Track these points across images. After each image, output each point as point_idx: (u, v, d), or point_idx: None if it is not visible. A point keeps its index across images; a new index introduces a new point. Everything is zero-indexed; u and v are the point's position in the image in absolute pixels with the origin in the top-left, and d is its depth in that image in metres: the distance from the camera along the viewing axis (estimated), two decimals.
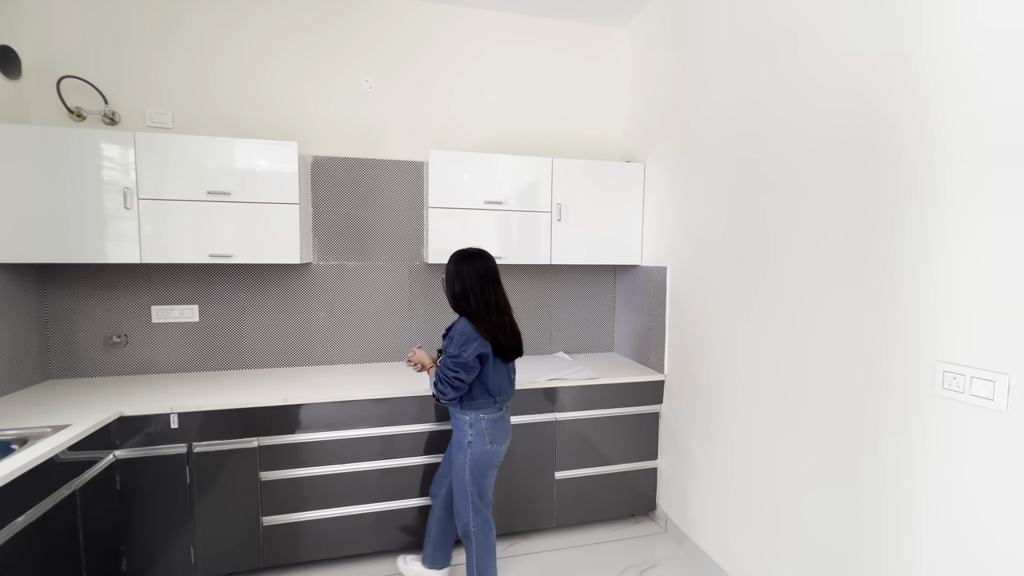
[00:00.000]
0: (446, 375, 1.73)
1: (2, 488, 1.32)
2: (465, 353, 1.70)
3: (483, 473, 1.84)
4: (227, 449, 1.99)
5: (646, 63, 2.69)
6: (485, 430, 1.81)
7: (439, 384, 1.75)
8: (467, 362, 1.71)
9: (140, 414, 1.90)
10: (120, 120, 2.30)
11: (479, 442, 1.81)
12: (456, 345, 1.72)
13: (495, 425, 1.83)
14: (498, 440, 1.84)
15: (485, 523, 1.88)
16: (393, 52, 2.60)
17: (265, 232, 2.20)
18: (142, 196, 2.06)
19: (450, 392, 1.74)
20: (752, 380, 1.90)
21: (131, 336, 2.37)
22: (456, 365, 1.71)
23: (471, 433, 1.81)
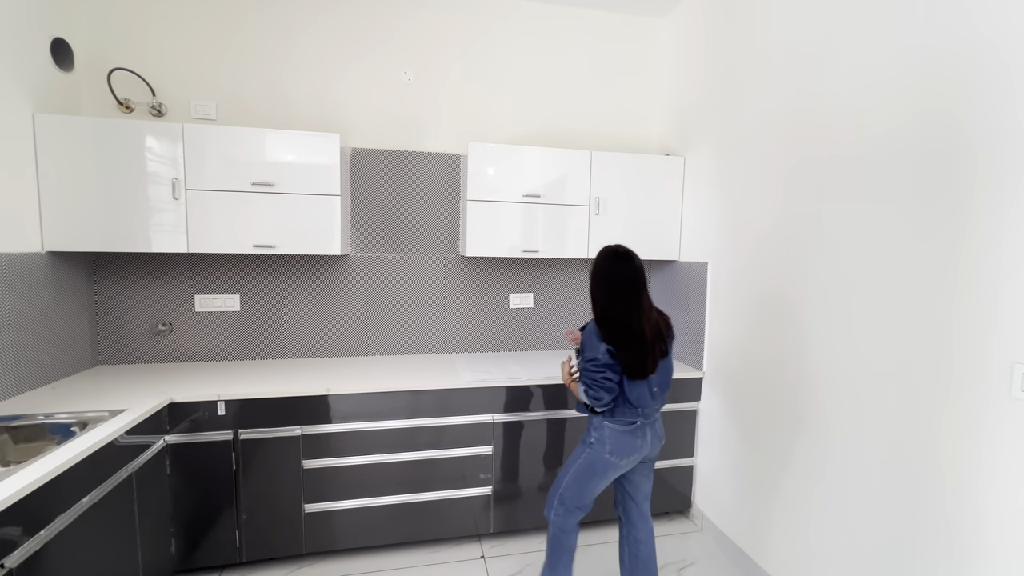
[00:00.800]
0: (594, 378, 1.62)
1: (71, 470, 1.35)
2: (599, 353, 1.60)
3: (591, 476, 1.72)
4: (272, 437, 2.02)
5: (687, 54, 2.64)
6: (607, 438, 1.69)
7: (590, 391, 1.63)
8: (607, 362, 1.60)
9: (189, 400, 1.94)
10: (167, 112, 2.34)
11: (599, 447, 1.70)
12: (589, 348, 1.65)
13: (619, 437, 1.68)
14: (619, 453, 1.68)
15: (567, 519, 1.76)
16: (432, 43, 2.59)
17: (307, 223, 2.22)
18: (190, 187, 2.09)
19: (605, 396, 1.61)
20: (801, 382, 1.85)
21: (176, 324, 2.42)
22: (598, 367, 1.61)
23: (594, 436, 1.72)
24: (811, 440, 1.81)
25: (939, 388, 1.37)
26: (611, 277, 1.65)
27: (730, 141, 2.28)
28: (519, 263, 2.79)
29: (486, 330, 2.79)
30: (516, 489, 2.30)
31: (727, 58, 2.30)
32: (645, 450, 1.72)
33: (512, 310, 2.82)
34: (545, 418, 2.30)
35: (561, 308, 2.87)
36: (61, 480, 1.32)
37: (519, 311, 2.83)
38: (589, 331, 1.67)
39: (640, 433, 1.70)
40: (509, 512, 2.31)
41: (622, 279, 1.65)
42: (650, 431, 1.73)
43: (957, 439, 1.33)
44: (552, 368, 2.44)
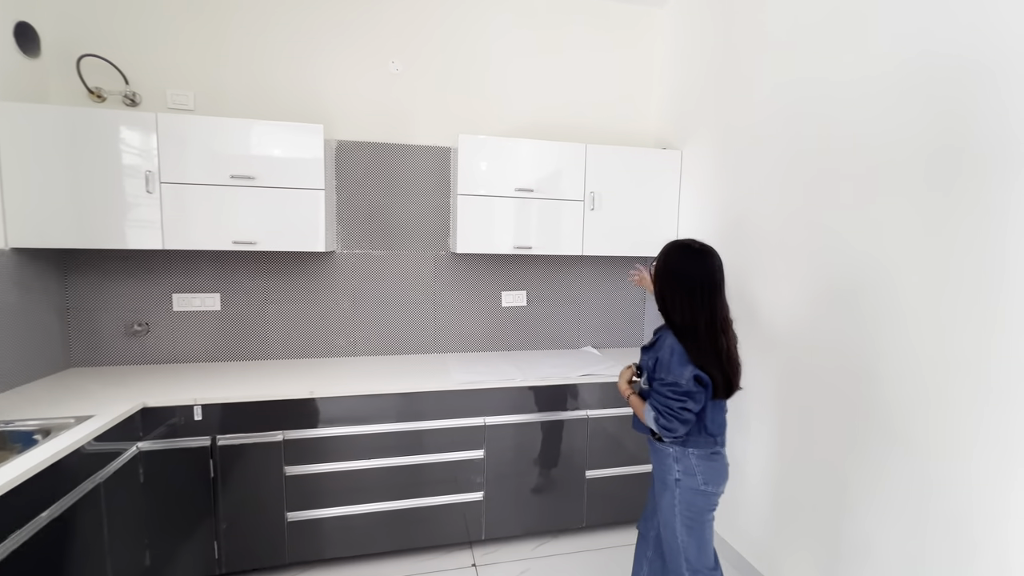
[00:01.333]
0: (670, 407, 1.36)
1: (26, 483, 1.26)
2: (683, 379, 1.34)
3: (698, 521, 1.44)
4: (252, 443, 1.92)
5: (685, 45, 2.56)
6: (695, 467, 1.42)
7: (662, 419, 1.37)
8: (690, 389, 1.35)
9: (164, 405, 1.84)
10: (140, 101, 2.22)
11: (688, 480, 1.42)
12: (668, 370, 1.36)
13: (707, 462, 1.43)
14: (713, 481, 1.43)
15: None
16: (420, 33, 2.50)
17: (290, 218, 2.12)
18: (164, 180, 1.99)
19: (680, 428, 1.36)
20: (801, 381, 1.79)
21: (152, 325, 2.31)
22: (678, 394, 1.35)
23: (677, 469, 1.43)
24: (817, 447, 1.74)
25: (955, 395, 1.31)
26: (693, 278, 1.38)
27: (729, 135, 2.20)
28: (512, 260, 2.70)
29: (478, 329, 2.71)
30: (509, 494, 2.22)
31: (726, 49, 2.22)
32: (727, 477, 1.48)
33: (505, 308, 2.73)
34: (539, 420, 2.22)
35: (555, 306, 2.79)
36: (16, 494, 1.23)
37: (512, 309, 2.75)
38: (669, 347, 1.38)
39: (722, 457, 1.47)
40: (502, 518, 2.23)
41: (706, 280, 1.38)
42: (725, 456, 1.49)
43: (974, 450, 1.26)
44: (546, 368, 2.36)
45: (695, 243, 1.45)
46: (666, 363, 1.37)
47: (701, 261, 1.41)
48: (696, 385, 1.35)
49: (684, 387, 1.34)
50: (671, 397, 1.36)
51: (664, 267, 1.44)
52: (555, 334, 2.82)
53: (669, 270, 1.43)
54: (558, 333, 2.82)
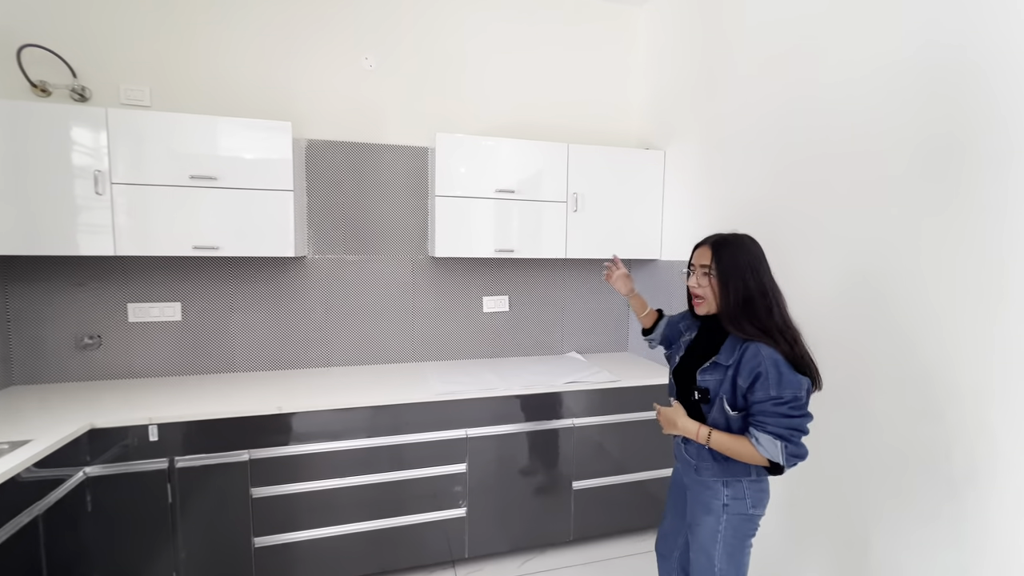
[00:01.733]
0: (798, 428, 1.17)
1: None
2: (802, 391, 1.17)
3: (740, 548, 1.30)
4: (214, 463, 1.78)
5: (666, 44, 2.52)
6: (746, 491, 1.28)
7: (791, 446, 1.16)
8: (807, 400, 1.18)
9: (115, 426, 1.68)
10: (91, 96, 2.06)
11: (737, 505, 1.28)
12: (781, 385, 1.15)
13: (755, 486, 1.29)
14: (760, 504, 1.30)
15: None
16: (395, 27, 2.39)
17: (256, 222, 1.99)
18: (116, 180, 1.84)
19: (804, 450, 1.18)
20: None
21: (105, 337, 2.14)
22: (799, 409, 1.16)
23: (726, 494, 1.28)
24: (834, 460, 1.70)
25: (951, 398, 1.26)
26: (767, 268, 1.24)
27: (712, 134, 2.16)
28: (493, 264, 2.61)
29: (458, 336, 2.61)
30: (493, 509, 2.12)
31: (708, 48, 2.19)
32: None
33: (486, 314, 2.64)
34: (523, 431, 2.13)
35: (538, 310, 2.71)
36: None
37: (493, 315, 2.65)
38: (768, 359, 1.16)
39: (766, 478, 1.31)
40: (486, 534, 2.12)
41: (769, 271, 1.25)
42: None
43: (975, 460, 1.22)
44: (529, 376, 2.27)
45: (739, 234, 1.29)
46: (775, 379, 1.15)
47: (759, 249, 1.26)
48: (807, 395, 1.18)
49: (804, 399, 1.17)
50: (794, 416, 1.15)
51: (737, 263, 1.22)
52: (538, 339, 2.73)
53: (748, 265, 1.22)
54: (541, 338, 2.74)
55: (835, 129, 1.57)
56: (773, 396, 1.14)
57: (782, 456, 1.15)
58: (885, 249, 1.42)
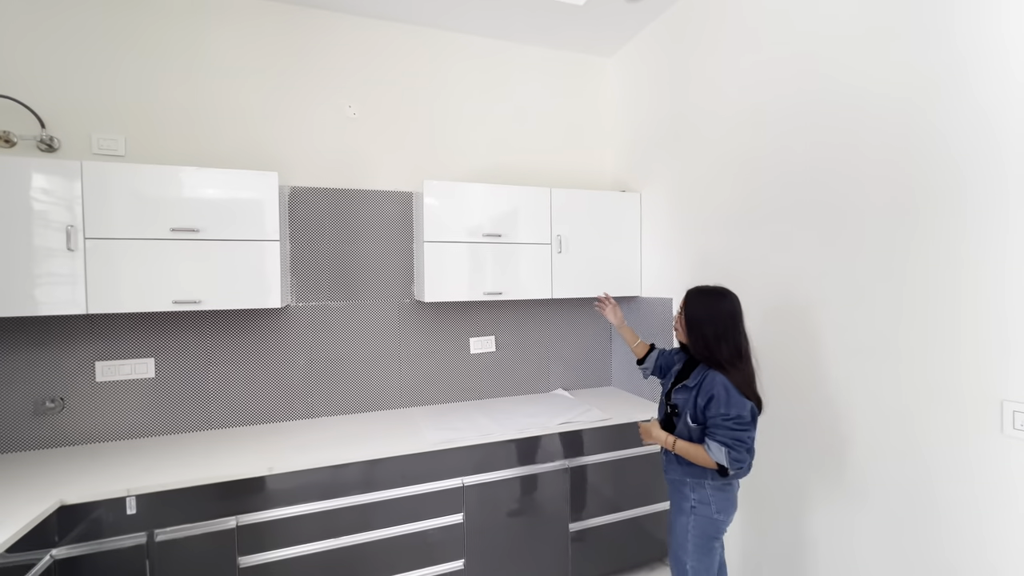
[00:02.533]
0: (740, 439, 1.43)
1: None
2: (745, 411, 1.44)
3: (708, 545, 1.56)
4: (198, 533, 1.67)
5: (636, 93, 2.68)
6: (710, 496, 1.54)
7: (734, 452, 1.43)
8: (751, 420, 1.45)
9: (88, 500, 1.56)
10: (60, 146, 1.98)
11: (703, 509, 1.55)
12: (729, 405, 1.44)
13: (721, 493, 1.54)
14: (725, 510, 1.55)
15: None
16: (377, 77, 2.44)
17: (240, 274, 1.94)
18: (90, 235, 1.75)
19: (748, 458, 1.45)
20: (778, 418, 1.83)
21: (69, 399, 1.99)
22: (743, 425, 1.44)
23: (693, 498, 1.57)
24: (793, 484, 1.77)
25: (928, 428, 1.37)
26: (732, 312, 1.53)
27: (684, 177, 2.30)
28: (479, 305, 2.63)
29: (446, 379, 2.58)
30: (491, 560, 2.07)
31: (675, 98, 2.35)
32: (736, 507, 1.60)
33: (473, 356, 2.63)
34: (519, 475, 2.11)
35: (526, 349, 2.73)
36: None
37: (481, 356, 2.65)
38: (722, 385, 1.46)
39: (733, 489, 1.58)
40: None
41: (735, 318, 1.53)
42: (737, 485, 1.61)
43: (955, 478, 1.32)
44: (522, 418, 2.28)
45: (713, 287, 1.60)
46: (723, 399, 1.45)
47: (726, 301, 1.55)
48: (752, 415, 1.46)
49: (747, 418, 1.44)
50: (738, 429, 1.43)
51: (706, 311, 1.55)
52: (525, 379, 2.75)
53: (711, 311, 1.54)
54: (528, 377, 2.75)
55: (797, 181, 1.72)
56: (722, 413, 1.45)
57: (726, 460, 1.43)
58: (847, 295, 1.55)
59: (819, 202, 1.66)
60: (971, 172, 1.26)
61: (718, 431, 1.45)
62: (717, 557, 1.59)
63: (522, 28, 2.54)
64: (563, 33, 2.60)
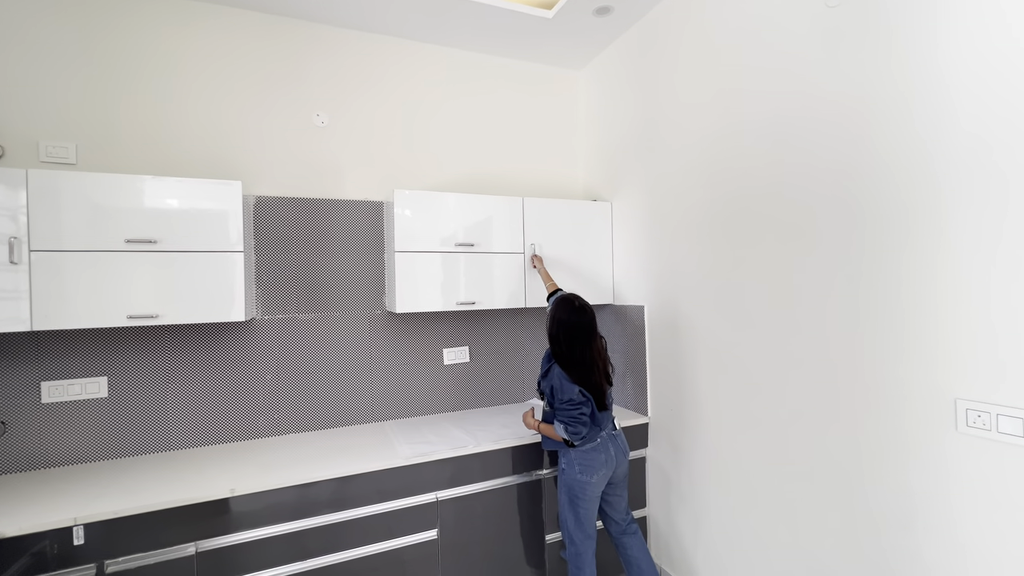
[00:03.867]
0: (572, 416, 1.78)
1: None
2: (573, 395, 1.77)
3: (576, 500, 1.85)
4: (154, 562, 1.57)
5: (605, 105, 2.73)
6: (575, 459, 1.84)
7: (570, 427, 1.78)
8: (582, 400, 1.77)
9: (29, 532, 1.45)
10: (3, 153, 1.87)
11: (570, 470, 1.85)
12: (562, 391, 1.79)
13: (585, 456, 1.83)
14: (588, 471, 1.82)
15: (577, 557, 1.86)
16: (347, 86, 2.41)
17: (201, 286, 1.86)
18: (35, 247, 1.66)
19: (583, 430, 1.78)
20: (749, 420, 1.86)
21: (11, 422, 1.86)
22: (574, 404, 1.77)
23: (564, 462, 1.88)
24: (767, 485, 1.80)
25: (883, 429, 1.41)
26: (571, 326, 1.83)
27: (653, 187, 2.34)
28: (452, 315, 2.60)
29: (419, 391, 2.54)
30: (467, 575, 2.03)
31: (642, 108, 2.40)
32: (612, 464, 1.87)
33: (447, 367, 2.60)
34: (494, 487, 2.08)
35: (499, 359, 2.71)
36: None
37: (454, 367, 2.62)
38: (558, 375, 1.81)
39: (603, 448, 1.85)
40: None
41: (580, 328, 1.83)
42: (612, 445, 1.88)
43: (907, 475, 1.36)
44: (496, 428, 2.25)
45: (576, 300, 1.89)
46: (559, 387, 1.81)
47: (577, 314, 1.85)
48: (582, 397, 1.78)
49: (576, 399, 1.77)
50: (571, 410, 1.78)
51: (552, 314, 1.89)
52: (500, 389, 2.72)
53: (555, 318, 1.87)
54: (503, 387, 2.73)
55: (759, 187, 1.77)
56: (559, 398, 1.81)
57: (566, 433, 1.80)
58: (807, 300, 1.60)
59: (778, 212, 1.71)
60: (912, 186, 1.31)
61: (559, 413, 1.82)
62: (585, 516, 1.85)
63: (494, 40, 2.56)
64: (534, 46, 2.63)
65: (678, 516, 2.25)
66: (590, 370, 1.82)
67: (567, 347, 1.83)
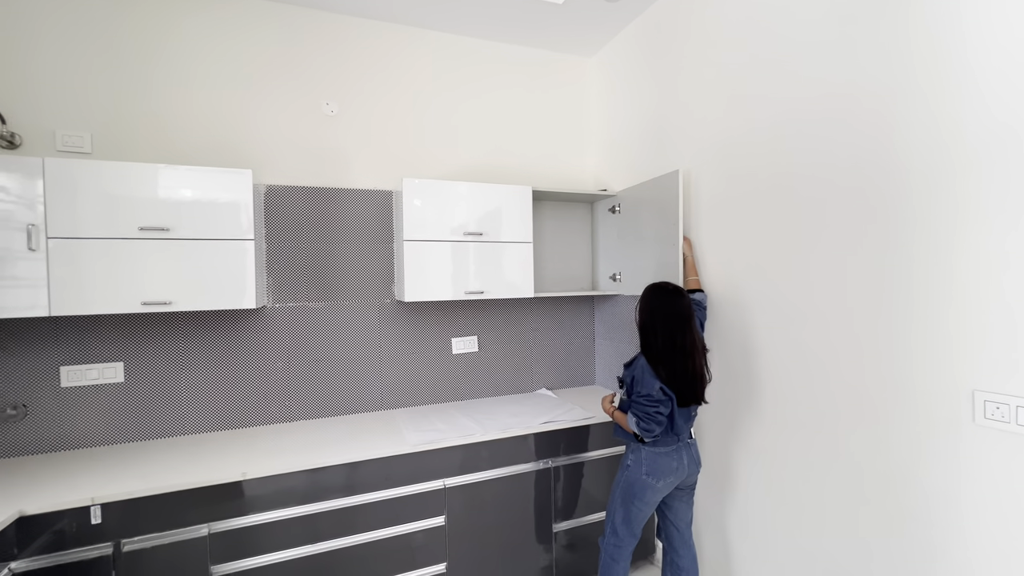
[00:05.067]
0: (647, 412, 1.68)
1: None
2: (653, 391, 1.67)
3: (632, 499, 1.79)
4: (169, 542, 1.61)
5: (616, 92, 2.69)
6: (644, 459, 1.76)
7: (642, 423, 1.69)
8: (660, 399, 1.67)
9: (49, 511, 1.49)
10: (21, 143, 1.91)
11: (636, 469, 1.78)
12: (642, 385, 1.71)
13: (656, 459, 1.75)
14: (655, 474, 1.74)
15: (617, 550, 1.83)
16: (357, 74, 2.41)
17: (213, 273, 1.88)
18: (52, 235, 1.69)
19: (656, 428, 1.69)
20: (762, 407, 1.84)
21: (32, 406, 1.91)
22: (652, 402, 1.68)
23: (631, 459, 1.81)
24: (781, 473, 1.78)
25: (902, 419, 1.39)
26: (668, 314, 1.70)
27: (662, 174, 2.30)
28: (461, 305, 2.60)
29: (428, 380, 2.55)
30: (474, 562, 2.04)
31: (654, 96, 2.36)
32: (682, 473, 1.77)
33: (456, 356, 2.61)
34: (501, 475, 2.09)
35: (508, 348, 2.71)
36: None
37: (463, 356, 2.62)
38: (641, 367, 1.72)
39: (676, 455, 1.76)
40: None
41: (676, 315, 1.70)
42: (686, 454, 1.78)
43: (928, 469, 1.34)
44: (505, 418, 2.26)
45: (669, 285, 1.76)
46: (640, 379, 1.71)
47: (673, 297, 1.72)
48: (662, 395, 1.67)
49: (655, 396, 1.67)
50: (646, 404, 1.68)
51: (643, 304, 1.76)
52: (509, 379, 2.73)
53: (648, 307, 1.74)
54: (512, 377, 2.73)
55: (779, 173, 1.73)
56: (637, 391, 1.72)
57: (636, 428, 1.70)
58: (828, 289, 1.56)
59: (798, 204, 1.67)
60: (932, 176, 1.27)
61: (634, 405, 1.72)
62: (636, 515, 1.79)
63: (503, 26, 2.54)
64: (544, 32, 2.60)
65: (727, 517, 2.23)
66: (688, 357, 1.68)
67: (664, 337, 1.68)
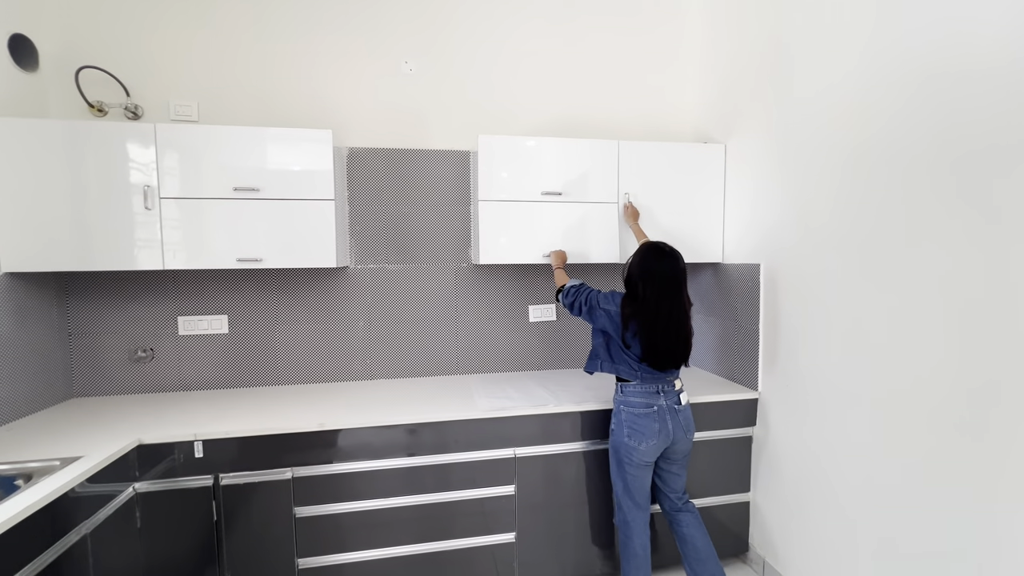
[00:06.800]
0: (587, 297, 1.78)
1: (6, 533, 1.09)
2: (602, 298, 1.74)
3: (622, 465, 1.74)
4: (258, 481, 1.74)
5: (721, 31, 2.31)
6: (624, 421, 1.71)
7: (569, 296, 1.82)
8: (598, 305, 1.73)
9: (161, 442, 1.67)
10: (143, 114, 2.10)
11: (618, 431, 1.74)
12: (603, 297, 1.74)
13: (635, 419, 1.70)
14: (636, 436, 1.69)
15: (625, 525, 1.78)
16: (433, 30, 2.32)
17: (298, 233, 1.95)
18: (164, 195, 1.85)
19: (565, 301, 1.84)
20: (880, 402, 1.50)
21: (157, 350, 2.17)
22: (603, 297, 1.75)
23: (613, 422, 1.77)
24: (898, 477, 1.45)
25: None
26: (659, 275, 1.64)
27: (780, 126, 1.94)
28: (539, 270, 2.48)
29: (503, 347, 2.49)
30: (543, 535, 1.97)
31: (770, 33, 1.97)
32: (666, 437, 1.70)
33: (532, 324, 2.51)
34: (575, 451, 1.97)
35: None
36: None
37: (540, 325, 2.52)
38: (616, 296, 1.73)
39: (658, 417, 1.70)
40: (536, 561, 1.98)
41: (670, 278, 1.65)
42: (671, 418, 1.71)
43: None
44: (580, 390, 2.12)
45: (666, 247, 1.71)
46: (607, 295, 1.75)
47: (668, 260, 1.67)
48: (602, 309, 1.73)
49: (596, 304, 1.74)
50: (589, 293, 1.78)
51: (634, 260, 1.73)
52: (587, 351, 2.56)
53: (640, 264, 1.69)
54: None
55: (917, 125, 1.34)
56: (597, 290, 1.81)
57: (565, 293, 1.85)
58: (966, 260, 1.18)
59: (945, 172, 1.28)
60: None
61: (582, 287, 1.82)
62: (633, 483, 1.73)
63: None
64: None
65: (784, 504, 1.95)
66: (671, 330, 1.63)
67: (654, 300, 1.63)
